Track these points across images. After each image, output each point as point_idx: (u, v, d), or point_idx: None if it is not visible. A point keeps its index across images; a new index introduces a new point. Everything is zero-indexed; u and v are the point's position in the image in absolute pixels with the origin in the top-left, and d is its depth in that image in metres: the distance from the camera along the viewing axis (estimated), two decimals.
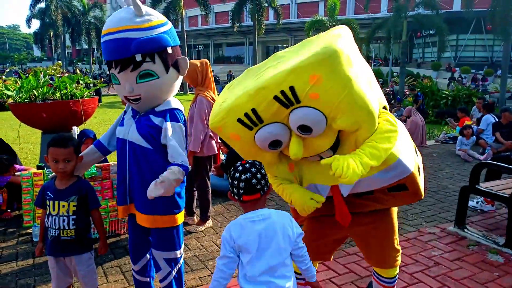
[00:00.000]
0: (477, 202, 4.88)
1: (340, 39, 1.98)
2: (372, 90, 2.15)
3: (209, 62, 4.17)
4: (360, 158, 1.95)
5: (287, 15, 41.33)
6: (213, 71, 4.25)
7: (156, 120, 2.32)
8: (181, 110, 2.43)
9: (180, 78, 2.46)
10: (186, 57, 2.42)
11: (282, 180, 2.31)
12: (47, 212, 2.35)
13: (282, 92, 1.94)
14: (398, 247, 2.51)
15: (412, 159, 2.26)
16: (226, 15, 36.60)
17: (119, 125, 2.50)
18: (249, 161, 1.96)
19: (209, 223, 4.28)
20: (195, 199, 4.41)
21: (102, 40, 2.27)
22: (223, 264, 1.87)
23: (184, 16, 28.78)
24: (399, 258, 2.52)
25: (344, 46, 1.96)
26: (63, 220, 2.32)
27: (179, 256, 2.53)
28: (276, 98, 1.96)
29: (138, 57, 2.18)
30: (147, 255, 2.64)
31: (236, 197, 1.92)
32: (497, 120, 8.50)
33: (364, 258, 2.67)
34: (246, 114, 2.03)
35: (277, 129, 2.05)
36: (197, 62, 3.98)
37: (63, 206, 2.32)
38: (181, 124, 2.36)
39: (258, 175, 1.90)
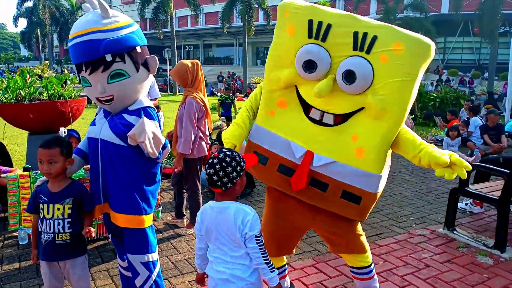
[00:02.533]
0: (466, 204, 4.91)
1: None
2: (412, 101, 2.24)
3: (200, 62, 4.14)
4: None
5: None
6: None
7: (130, 118, 2.33)
8: (153, 108, 2.45)
9: (151, 77, 2.49)
10: (155, 56, 2.46)
11: (245, 117, 2.48)
12: (41, 216, 2.30)
13: (365, 34, 2.05)
14: (362, 232, 2.54)
15: (382, 187, 2.32)
16: (215, 16, 36.47)
17: (91, 125, 2.50)
18: (220, 155, 1.99)
19: None
20: (185, 201, 4.36)
21: (70, 43, 2.29)
22: (197, 238, 2.15)
23: (173, 16, 28.63)
24: (365, 243, 2.54)
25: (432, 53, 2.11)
26: (58, 224, 2.28)
27: (155, 259, 2.50)
28: (355, 34, 2.07)
29: (108, 57, 2.20)
30: None
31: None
32: (483, 122, 8.59)
33: (331, 249, 2.67)
34: (320, 23, 2.13)
35: (326, 58, 2.14)
36: (188, 62, 3.94)
37: (58, 209, 2.28)
38: (156, 121, 2.38)
39: (221, 173, 1.94)
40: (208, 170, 1.97)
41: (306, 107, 2.32)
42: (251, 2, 26.84)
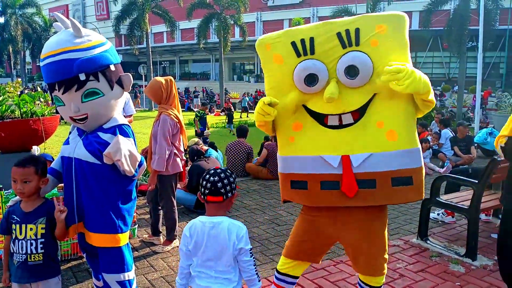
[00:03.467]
0: (438, 214, 5.04)
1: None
2: None
3: (175, 78, 4.18)
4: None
5: (253, 32, 41.82)
6: (178, 88, 4.24)
7: (105, 136, 2.32)
8: (128, 126, 2.45)
9: (125, 94, 2.50)
10: (129, 74, 2.47)
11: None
12: (13, 237, 2.26)
13: (347, 31, 2.18)
14: (387, 256, 2.53)
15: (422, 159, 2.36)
16: (191, 32, 36.66)
17: (64, 144, 2.49)
18: (222, 168, 2.13)
19: (176, 242, 4.20)
20: (161, 218, 4.33)
21: (42, 63, 2.29)
22: (181, 254, 2.15)
23: (149, 32, 28.62)
24: (386, 266, 2.55)
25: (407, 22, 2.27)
26: (31, 244, 2.24)
27: (132, 278, 2.48)
28: (338, 34, 2.18)
29: (82, 76, 2.21)
30: None
31: (202, 197, 2.10)
32: (454, 134, 8.86)
33: (352, 266, 2.67)
34: (302, 40, 2.23)
35: (322, 67, 2.22)
36: (162, 79, 3.96)
37: (31, 229, 2.24)
38: (131, 139, 2.38)
39: (225, 181, 2.07)
40: (211, 178, 2.05)
41: (321, 120, 2.34)
42: (227, 18, 27.13)
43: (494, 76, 34.95)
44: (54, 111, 5.23)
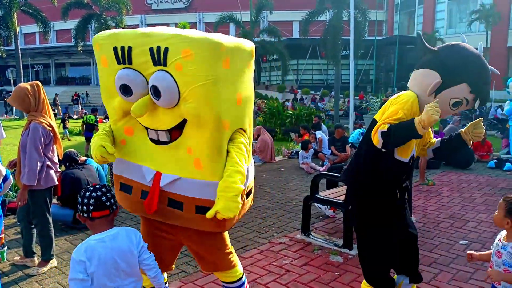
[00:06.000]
0: (323, 206, 5.37)
1: (234, 44, 2.19)
2: (238, 107, 2.28)
3: (51, 83, 3.83)
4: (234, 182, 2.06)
5: None
6: (56, 94, 3.86)
7: None
8: None
9: None
10: None
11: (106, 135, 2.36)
12: None
13: (158, 48, 2.07)
14: (230, 249, 2.58)
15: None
16: (68, 33, 33.97)
17: None
18: (99, 184, 2.16)
19: (53, 262, 3.83)
20: (34, 237, 3.91)
21: None
22: (73, 284, 1.96)
23: (18, 33, 25.88)
24: (233, 258, 2.60)
25: (232, 50, 2.15)
26: None
27: None
28: (151, 50, 2.09)
29: None
30: None
31: (85, 215, 2.04)
32: (326, 135, 9.69)
33: (200, 267, 2.72)
34: (122, 48, 2.14)
35: (137, 79, 2.14)
36: (27, 85, 3.58)
37: None
38: None
39: (108, 194, 2.09)
40: (93, 194, 2.04)
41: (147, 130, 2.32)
42: (108, 20, 25.74)
43: (366, 81, 38.86)
44: None
